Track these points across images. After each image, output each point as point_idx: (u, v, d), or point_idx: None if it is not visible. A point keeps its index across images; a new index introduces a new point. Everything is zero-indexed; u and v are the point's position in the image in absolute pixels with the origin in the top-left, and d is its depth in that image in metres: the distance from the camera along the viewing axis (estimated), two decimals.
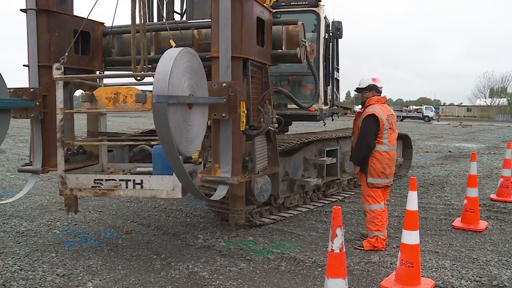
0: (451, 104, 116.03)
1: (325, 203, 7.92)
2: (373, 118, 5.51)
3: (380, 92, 5.87)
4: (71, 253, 5.35)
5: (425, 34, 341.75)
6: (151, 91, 3.48)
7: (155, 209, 7.55)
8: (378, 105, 5.65)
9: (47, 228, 6.36)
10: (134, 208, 7.64)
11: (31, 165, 5.36)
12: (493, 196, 8.53)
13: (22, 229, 6.28)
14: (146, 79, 5.10)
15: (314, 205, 7.67)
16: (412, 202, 4.42)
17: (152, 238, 5.97)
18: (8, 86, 4.59)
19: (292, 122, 9.56)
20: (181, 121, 3.55)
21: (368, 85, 5.79)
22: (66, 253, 5.33)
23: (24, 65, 5.41)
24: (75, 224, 6.58)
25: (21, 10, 5.28)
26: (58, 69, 4.65)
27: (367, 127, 5.54)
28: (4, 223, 6.60)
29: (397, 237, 5.94)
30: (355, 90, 6.07)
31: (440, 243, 5.86)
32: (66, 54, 4.87)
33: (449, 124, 51.01)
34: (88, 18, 5.43)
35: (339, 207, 3.58)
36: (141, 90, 4.51)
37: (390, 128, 5.60)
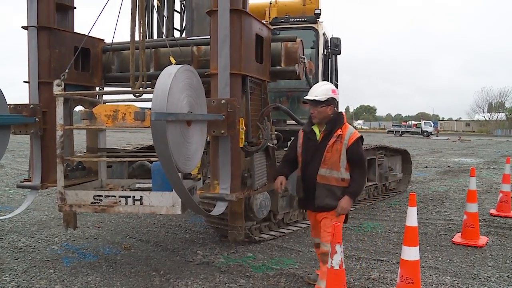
0: (450, 119, 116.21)
1: None
2: (362, 141, 4.58)
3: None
4: (69, 269, 5.32)
5: (423, 50, 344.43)
6: (150, 108, 3.49)
7: (154, 225, 7.53)
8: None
9: (46, 244, 6.33)
10: (133, 224, 7.62)
11: (30, 180, 5.36)
12: (493, 211, 8.52)
13: (20, 245, 6.26)
14: (145, 96, 5.12)
15: None
16: (412, 218, 4.42)
17: (151, 254, 5.95)
18: (8, 102, 4.63)
19: (291, 138, 9.57)
20: (180, 138, 3.56)
21: (328, 98, 4.47)
22: (64, 269, 5.30)
23: (24, 81, 5.44)
24: (74, 240, 6.56)
25: (22, 27, 5.32)
26: (59, 86, 4.68)
27: (364, 154, 4.57)
28: (2, 238, 6.58)
29: (397, 253, 5.92)
30: (303, 101, 4.70)
31: (440, 258, 5.84)
32: (67, 70, 4.90)
33: (448, 139, 51.04)
34: (89, 35, 5.47)
35: (339, 223, 3.58)
36: (140, 108, 4.53)
37: None
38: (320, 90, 4.49)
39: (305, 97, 4.51)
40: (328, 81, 9.22)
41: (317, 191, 4.46)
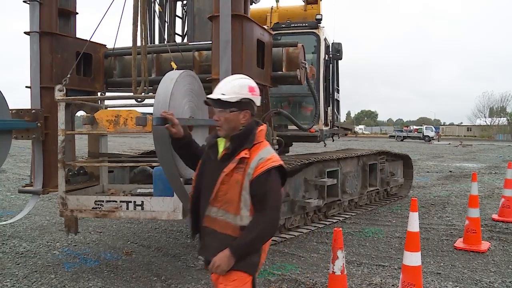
0: (451, 124, 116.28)
1: (326, 224, 7.88)
2: (281, 172, 2.78)
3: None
4: (71, 274, 5.31)
5: (424, 55, 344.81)
6: (151, 113, 3.50)
7: (155, 230, 7.52)
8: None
9: (47, 249, 6.33)
10: (134, 229, 7.62)
11: (31, 185, 5.37)
12: (495, 216, 8.49)
13: (21, 250, 6.25)
14: (147, 101, 5.14)
15: (315, 226, 7.64)
16: (414, 223, 4.41)
17: (152, 259, 5.94)
18: (10, 107, 4.64)
19: (293, 143, 9.58)
20: None
21: (241, 100, 2.74)
22: (66, 275, 5.29)
23: (26, 87, 5.45)
24: (75, 245, 6.55)
25: (25, 32, 5.34)
26: (60, 91, 4.69)
27: (279, 193, 2.77)
28: (3, 243, 6.57)
29: (398, 258, 5.91)
30: (205, 102, 2.98)
31: (442, 264, 5.82)
32: (69, 75, 4.91)
33: (449, 144, 51.01)
34: (91, 40, 5.49)
35: (340, 229, 3.58)
36: (142, 113, 4.53)
37: None
38: (229, 86, 2.77)
39: (208, 96, 2.87)
40: (329, 86, 9.21)
41: (206, 239, 2.86)
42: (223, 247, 2.67)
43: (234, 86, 2.76)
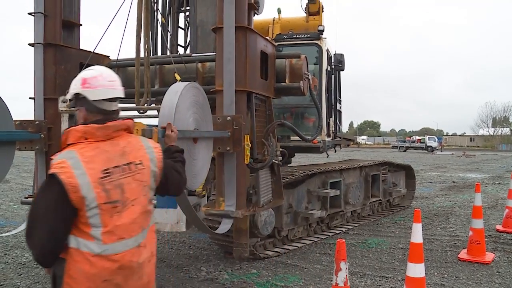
0: (454, 134, 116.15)
1: (329, 235, 7.86)
2: (53, 184, 2.16)
3: (104, 113, 2.40)
4: None
5: (426, 66, 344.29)
6: (156, 125, 3.51)
7: (158, 241, 7.49)
8: (85, 147, 2.26)
9: None
10: None
11: (34, 196, 5.37)
12: (499, 227, 8.45)
13: (24, 261, 6.24)
14: (149, 112, 5.14)
15: (318, 238, 7.62)
16: (417, 234, 4.40)
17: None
18: (14, 118, 4.65)
19: (295, 154, 9.58)
20: (186, 155, 3.57)
21: (74, 95, 2.42)
22: None
23: (30, 98, 5.48)
24: None
25: (29, 44, 5.38)
26: (64, 102, 4.71)
27: (39, 206, 2.21)
28: (6, 254, 6.56)
29: (402, 269, 5.87)
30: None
31: (446, 275, 5.78)
32: None
33: (452, 154, 50.94)
34: (94, 51, 5.52)
35: (343, 240, 3.56)
36: (147, 125, 4.54)
37: (113, 203, 2.25)
38: (72, 83, 2.47)
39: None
40: (331, 97, 9.23)
41: None
42: None
43: (74, 81, 2.47)
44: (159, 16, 7.18)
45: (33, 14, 5.37)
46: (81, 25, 6.02)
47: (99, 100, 2.36)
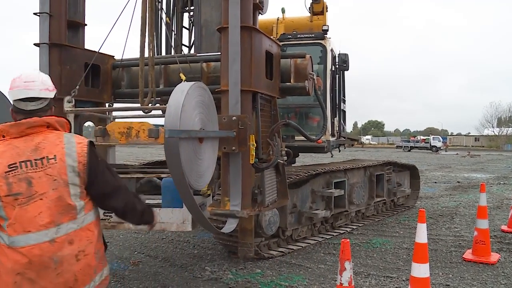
0: (459, 134, 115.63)
1: (333, 235, 7.85)
2: None
3: (23, 112, 2.48)
4: None
5: (430, 68, 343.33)
6: (162, 125, 3.52)
7: (162, 241, 7.52)
8: (0, 144, 2.41)
9: None
10: (141, 239, 7.62)
11: None
12: (504, 227, 8.43)
13: None
14: (154, 112, 5.16)
15: (322, 237, 7.61)
16: (422, 234, 4.39)
17: (159, 269, 5.93)
18: None
19: (299, 154, 9.57)
20: (192, 155, 3.58)
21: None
22: None
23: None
24: None
25: (34, 44, 5.40)
26: (69, 102, 4.73)
27: None
28: None
29: (406, 270, 5.87)
30: None
31: (451, 276, 5.77)
32: (77, 87, 4.95)
33: (457, 154, 50.80)
34: (99, 51, 5.53)
35: (348, 240, 3.56)
36: (153, 125, 4.55)
37: (14, 195, 2.30)
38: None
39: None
40: (336, 97, 9.23)
41: None
42: None
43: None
44: (164, 16, 7.19)
45: (38, 14, 5.38)
46: (86, 25, 6.03)
47: (16, 100, 2.48)
